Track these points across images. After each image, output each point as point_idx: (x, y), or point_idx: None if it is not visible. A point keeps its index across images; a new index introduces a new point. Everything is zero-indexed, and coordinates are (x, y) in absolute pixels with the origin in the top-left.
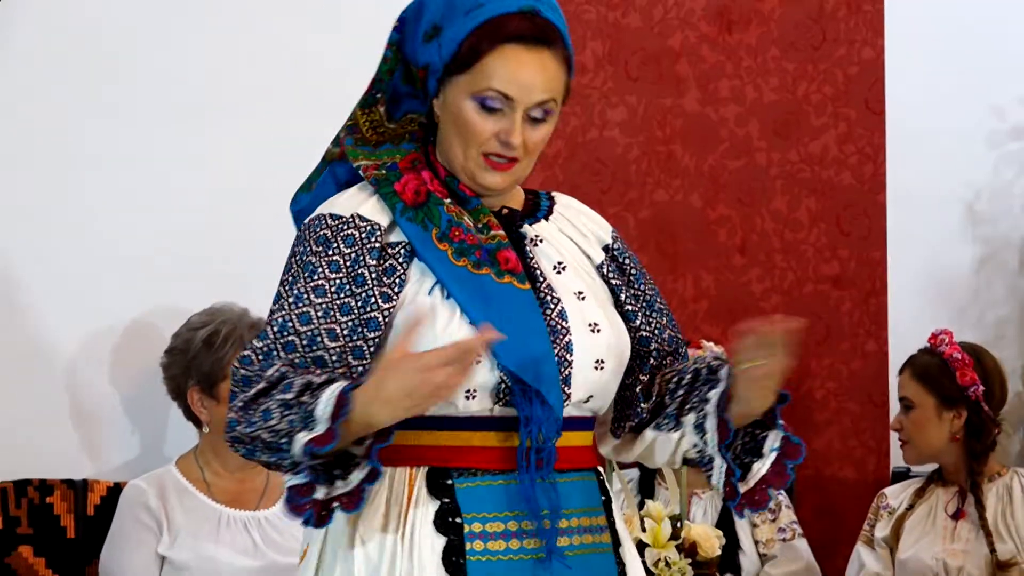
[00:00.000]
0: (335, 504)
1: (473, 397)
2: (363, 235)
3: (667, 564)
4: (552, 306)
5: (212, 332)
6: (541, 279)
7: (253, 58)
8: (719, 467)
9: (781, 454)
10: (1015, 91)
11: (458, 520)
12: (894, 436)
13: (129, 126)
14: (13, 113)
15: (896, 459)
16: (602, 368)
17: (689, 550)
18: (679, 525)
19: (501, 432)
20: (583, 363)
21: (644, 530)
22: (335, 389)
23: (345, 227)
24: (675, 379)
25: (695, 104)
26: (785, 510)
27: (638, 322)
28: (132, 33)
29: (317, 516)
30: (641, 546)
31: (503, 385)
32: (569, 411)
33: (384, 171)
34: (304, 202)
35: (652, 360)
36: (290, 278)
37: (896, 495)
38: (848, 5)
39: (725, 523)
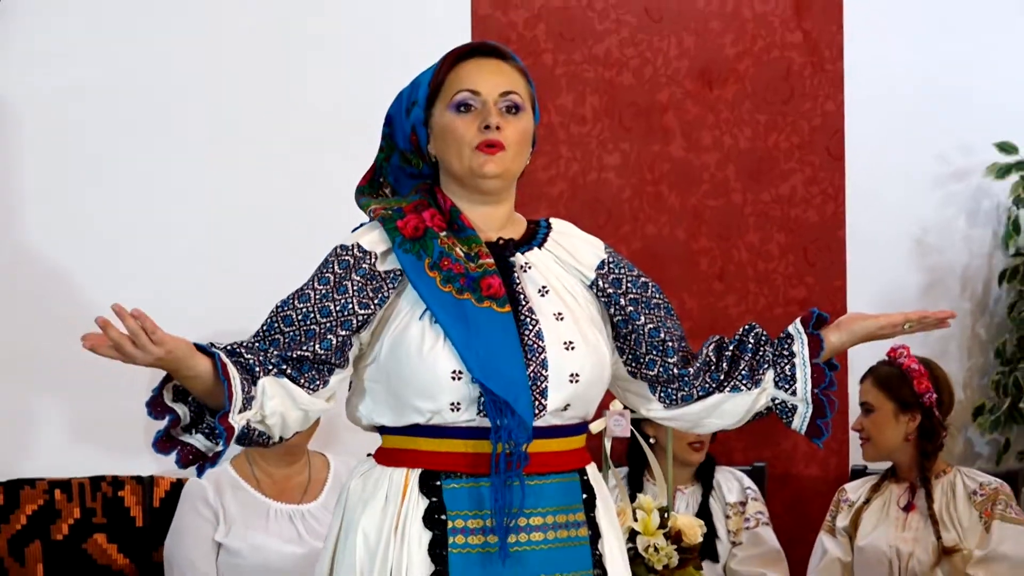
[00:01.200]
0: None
1: (457, 409)
2: (356, 260)
3: (656, 549)
4: (531, 327)
5: None
6: (524, 302)
7: (288, 97)
8: (802, 413)
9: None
10: (956, 140)
11: (443, 517)
12: (853, 438)
13: (181, 162)
14: (64, 137)
15: (855, 458)
16: (576, 381)
17: (675, 537)
18: (666, 516)
19: (483, 440)
20: (558, 377)
21: (636, 520)
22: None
23: (345, 253)
24: (735, 347)
25: (680, 151)
26: (752, 502)
27: (642, 319)
28: (184, 58)
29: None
30: (633, 534)
31: (482, 398)
32: (549, 420)
33: (390, 211)
34: None
35: (670, 343)
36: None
37: (855, 490)
38: (812, 65)
39: (703, 515)
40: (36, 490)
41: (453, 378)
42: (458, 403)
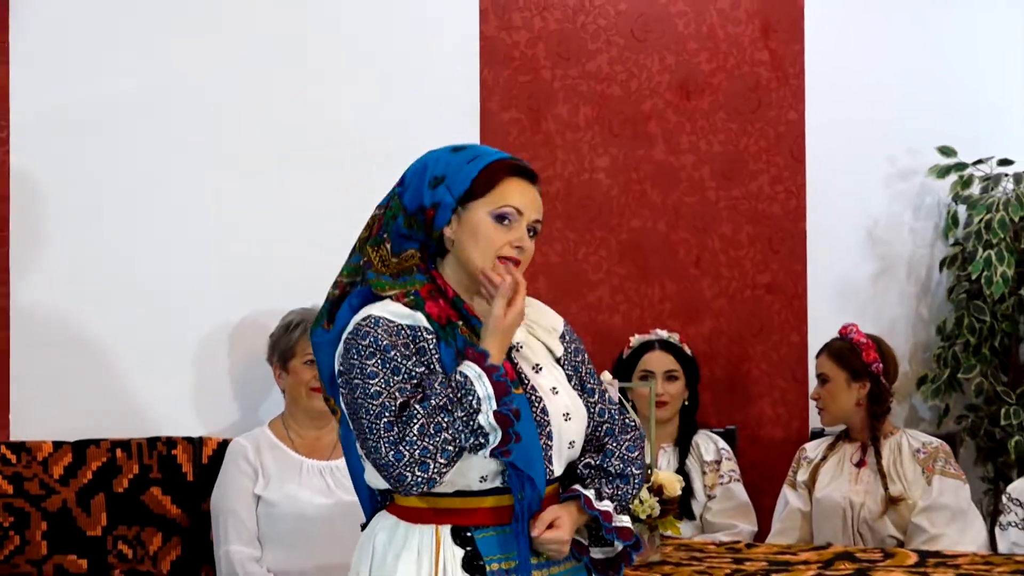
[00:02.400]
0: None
1: (484, 480)
2: (414, 334)
3: (641, 501)
4: (536, 404)
5: (289, 322)
6: (526, 381)
7: (305, 113)
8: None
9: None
10: (903, 144)
11: (481, 563)
12: (812, 404)
13: (210, 170)
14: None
15: (813, 422)
16: (572, 447)
17: (657, 491)
18: (650, 471)
19: (504, 495)
20: (559, 446)
21: None
22: (474, 369)
23: (405, 331)
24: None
25: (661, 154)
26: (726, 461)
27: (596, 397)
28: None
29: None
30: None
31: (505, 470)
32: (558, 471)
33: (412, 297)
34: (325, 337)
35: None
36: (376, 366)
37: (813, 449)
38: (777, 79)
39: (681, 472)
40: (100, 449)
41: (485, 459)
42: (485, 476)
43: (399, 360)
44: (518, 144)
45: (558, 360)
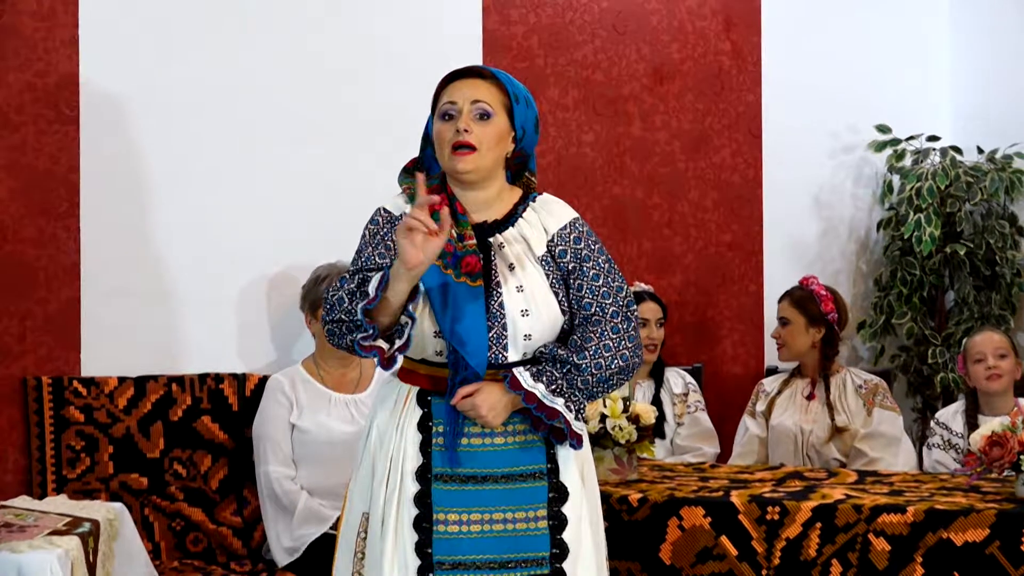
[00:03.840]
0: (395, 354)
1: (440, 355)
2: (384, 220)
3: (620, 428)
4: (496, 298)
5: (319, 275)
6: (495, 276)
7: (333, 99)
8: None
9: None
10: (845, 123)
11: (430, 424)
12: (768, 345)
13: (257, 143)
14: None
15: (769, 360)
16: (528, 339)
17: (634, 419)
18: (628, 403)
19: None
20: (515, 336)
21: (605, 406)
22: (381, 272)
23: (377, 215)
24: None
25: (638, 131)
26: (692, 394)
27: (580, 293)
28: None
29: (384, 361)
30: (603, 417)
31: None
32: (512, 360)
33: (413, 190)
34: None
35: (584, 313)
36: (360, 252)
37: (769, 384)
38: (738, 67)
39: (655, 403)
40: (158, 383)
41: (435, 336)
42: (439, 351)
43: (369, 244)
44: None
45: (540, 258)
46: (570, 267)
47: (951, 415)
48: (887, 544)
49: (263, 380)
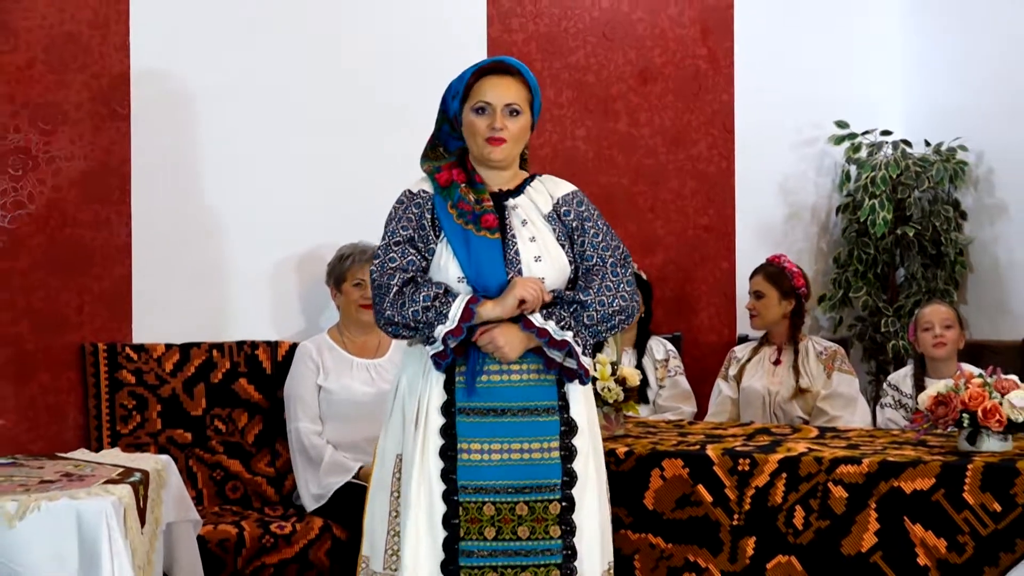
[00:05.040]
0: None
1: None
2: (410, 198)
3: (609, 389)
4: (512, 247)
5: (342, 254)
6: (510, 231)
7: (356, 91)
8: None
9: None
10: (808, 119)
11: (456, 367)
12: (740, 316)
13: (299, 130)
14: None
15: (741, 329)
16: (542, 282)
17: (621, 381)
18: (616, 367)
19: None
20: None
21: (595, 370)
22: (463, 300)
23: (414, 196)
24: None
25: (625, 127)
26: (672, 359)
27: (584, 249)
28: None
29: (440, 365)
30: (593, 380)
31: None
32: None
33: (432, 172)
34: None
35: (587, 264)
36: (388, 227)
37: (741, 350)
38: (713, 70)
39: (639, 367)
40: (201, 349)
41: (459, 281)
42: (474, 295)
43: (394, 219)
44: None
45: (547, 216)
46: (573, 225)
47: (901, 378)
48: (844, 492)
49: (293, 346)
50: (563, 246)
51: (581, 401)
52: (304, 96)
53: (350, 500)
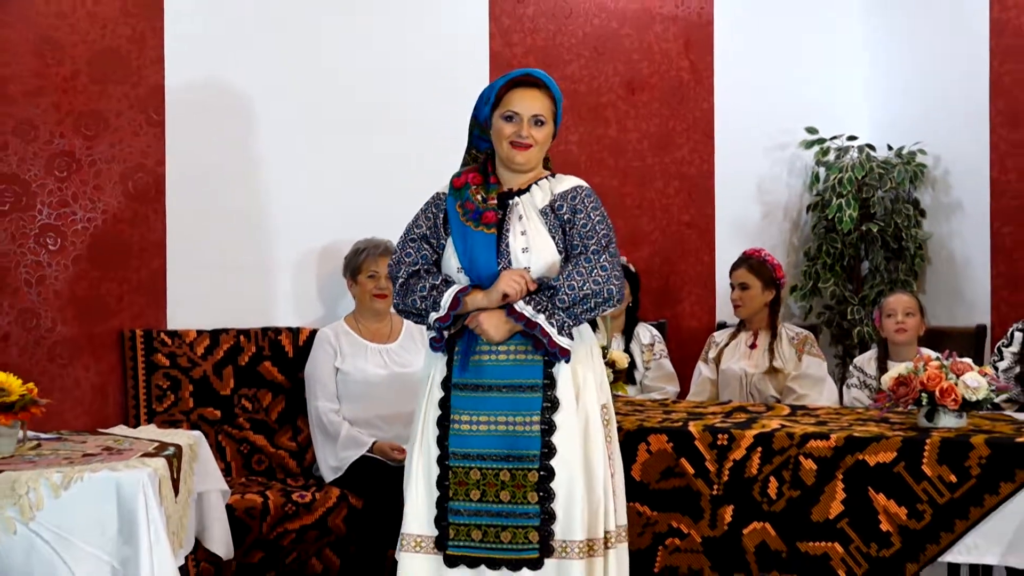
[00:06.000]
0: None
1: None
2: (438, 199)
3: None
4: (505, 242)
5: (357, 248)
6: (507, 228)
7: (389, 108)
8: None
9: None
10: (780, 126)
11: (455, 348)
12: (719, 304)
13: (337, 127)
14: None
15: (720, 316)
16: (528, 272)
17: (611, 364)
18: (606, 350)
19: None
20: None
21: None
22: (453, 291)
23: (436, 198)
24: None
25: (615, 132)
26: (657, 344)
27: (571, 240)
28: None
29: (435, 348)
30: (613, 365)
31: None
32: None
33: (456, 175)
34: None
35: (572, 252)
36: (409, 224)
37: (719, 336)
38: (695, 80)
39: (628, 351)
40: (229, 335)
41: (458, 271)
42: (469, 285)
43: (415, 219)
44: None
45: (542, 210)
46: (565, 217)
47: (866, 361)
48: (814, 464)
49: (313, 332)
50: (554, 238)
51: (568, 380)
52: (323, 105)
53: (364, 472)
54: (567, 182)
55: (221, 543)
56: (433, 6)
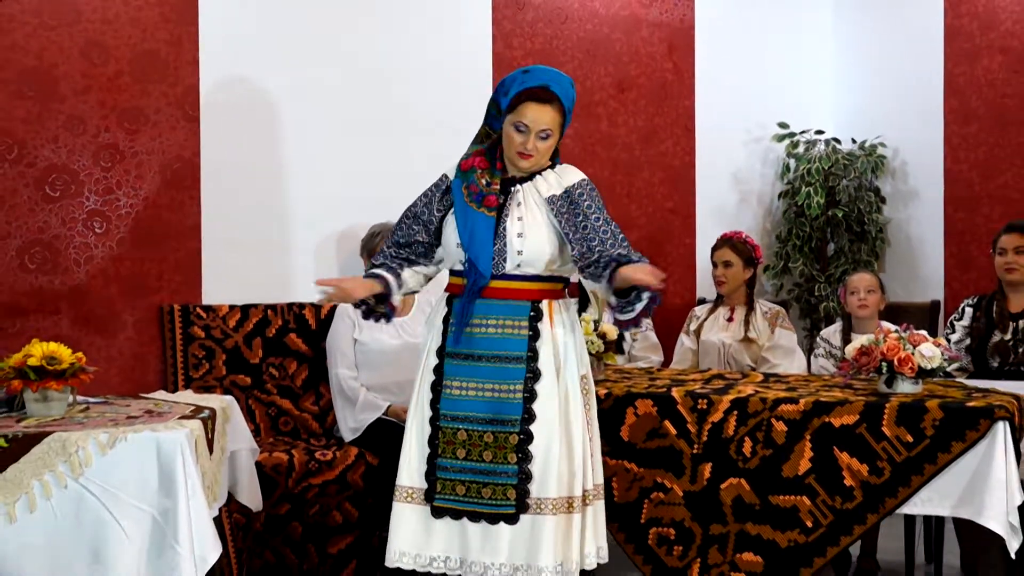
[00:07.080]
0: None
1: (464, 264)
2: (442, 180)
3: (592, 342)
4: (503, 225)
5: (373, 231)
6: (507, 212)
7: (407, 108)
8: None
9: (643, 310)
10: (755, 121)
11: (451, 320)
12: (699, 281)
13: (357, 125)
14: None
15: (699, 292)
16: (520, 254)
17: (602, 336)
18: (598, 323)
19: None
20: (511, 252)
21: (587, 326)
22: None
23: (442, 178)
24: (596, 261)
25: (605, 127)
26: (644, 319)
27: (577, 232)
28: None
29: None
30: (608, 338)
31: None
32: (510, 271)
33: (465, 156)
34: None
35: (592, 255)
36: (414, 200)
37: (700, 310)
38: (678, 81)
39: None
40: (258, 309)
41: (457, 247)
42: (463, 261)
43: (419, 196)
44: None
45: (546, 200)
46: (572, 208)
47: (832, 333)
48: (784, 426)
49: (334, 307)
50: (552, 225)
51: (551, 354)
52: (342, 104)
53: (380, 433)
54: (571, 173)
55: (251, 496)
56: (442, 13)
